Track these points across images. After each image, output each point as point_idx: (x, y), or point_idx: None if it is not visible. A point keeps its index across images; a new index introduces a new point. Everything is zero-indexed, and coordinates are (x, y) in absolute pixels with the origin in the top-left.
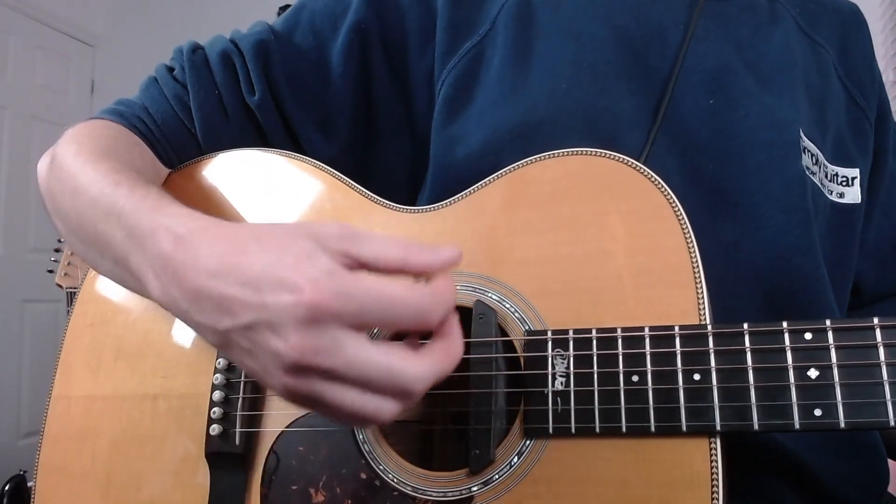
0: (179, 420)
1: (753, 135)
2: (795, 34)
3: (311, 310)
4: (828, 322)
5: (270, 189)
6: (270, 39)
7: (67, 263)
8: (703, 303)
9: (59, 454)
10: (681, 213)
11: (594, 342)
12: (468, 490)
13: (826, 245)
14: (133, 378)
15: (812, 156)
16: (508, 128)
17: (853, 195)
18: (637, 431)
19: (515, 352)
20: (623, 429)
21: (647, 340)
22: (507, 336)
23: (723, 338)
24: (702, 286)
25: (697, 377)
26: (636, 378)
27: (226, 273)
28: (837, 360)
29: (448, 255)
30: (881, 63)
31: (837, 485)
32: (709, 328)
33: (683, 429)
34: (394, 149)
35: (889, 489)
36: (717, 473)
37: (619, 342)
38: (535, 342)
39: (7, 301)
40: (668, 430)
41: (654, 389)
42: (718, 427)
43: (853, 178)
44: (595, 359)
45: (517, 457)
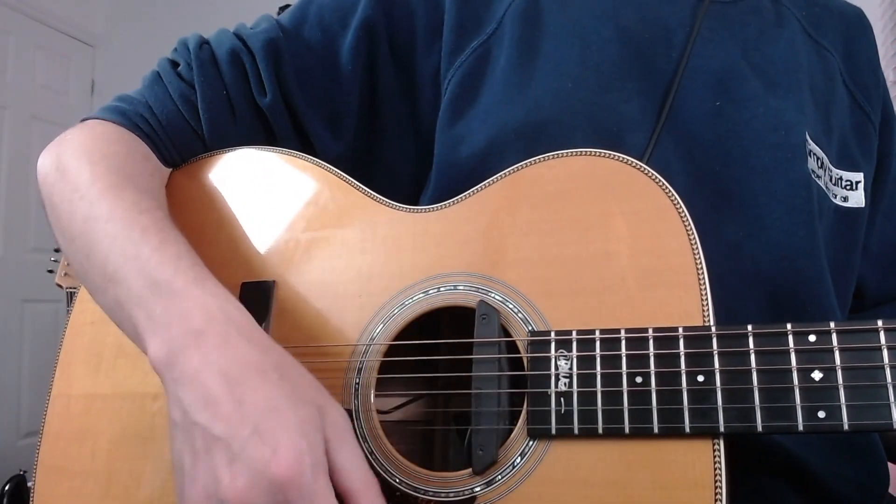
0: None
1: (759, 137)
2: (801, 37)
3: (275, 480)
4: (832, 324)
5: (273, 188)
6: (280, 37)
7: (67, 264)
8: (707, 304)
9: (59, 453)
10: (685, 215)
11: (597, 343)
12: (471, 490)
13: (829, 248)
14: (133, 376)
15: (818, 159)
16: (513, 127)
17: (857, 199)
18: (640, 433)
19: (519, 352)
20: (626, 430)
21: (651, 342)
22: (511, 337)
23: (727, 339)
24: (705, 287)
25: (701, 379)
26: (640, 379)
27: (234, 383)
28: (841, 363)
29: None
30: (882, 63)
31: (838, 486)
32: (713, 330)
33: (687, 430)
34: (398, 147)
35: (889, 489)
36: (721, 475)
37: (623, 343)
38: (539, 343)
39: (7, 301)
40: (672, 432)
41: (658, 391)
42: (722, 429)
43: (857, 182)
44: (598, 360)
45: (520, 457)
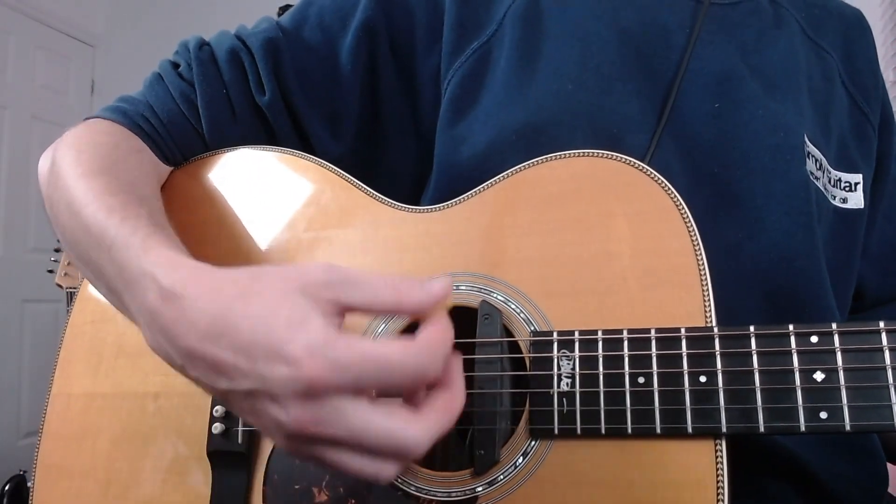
0: (180, 418)
1: (758, 138)
2: (800, 39)
3: (310, 385)
4: (834, 325)
5: (275, 188)
6: (279, 37)
7: (67, 263)
8: (709, 304)
9: (59, 452)
10: (687, 215)
11: (600, 343)
12: (472, 490)
13: (829, 249)
14: (134, 376)
15: (816, 161)
16: (514, 129)
17: (856, 200)
18: (643, 433)
19: (521, 353)
20: (629, 430)
21: (654, 342)
22: (513, 337)
23: (729, 340)
24: (707, 288)
25: (703, 379)
26: (642, 379)
27: (216, 335)
28: (843, 364)
29: (439, 290)
30: (881, 63)
31: (838, 486)
32: (715, 330)
33: (689, 431)
34: (399, 148)
35: (889, 489)
36: (723, 476)
37: (626, 344)
38: (541, 343)
39: (7, 301)
40: (674, 432)
41: (660, 391)
42: (724, 429)
43: (856, 184)
44: (601, 360)
45: (522, 457)
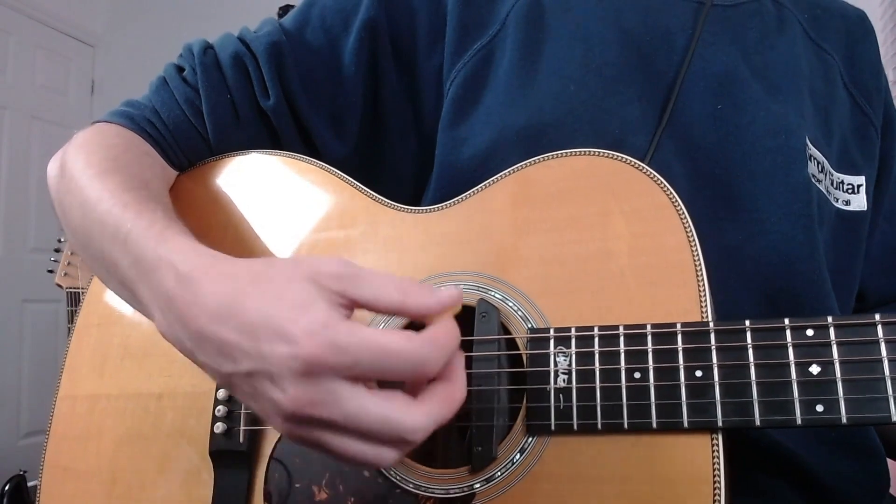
0: (184, 419)
1: (759, 141)
2: (802, 40)
3: (307, 363)
4: (829, 318)
5: (276, 191)
6: (283, 40)
7: (67, 263)
8: (705, 300)
9: (65, 453)
10: (683, 212)
11: (596, 339)
12: (470, 487)
13: (831, 252)
14: (138, 377)
15: (818, 163)
16: (515, 129)
17: (859, 203)
18: (639, 428)
19: (518, 350)
20: (625, 425)
21: (650, 337)
22: (510, 334)
23: (724, 334)
24: (703, 283)
25: (699, 374)
26: (638, 375)
27: (225, 317)
28: (839, 356)
29: (447, 298)
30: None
31: (838, 484)
32: (710, 325)
33: (685, 425)
34: (401, 148)
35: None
36: (719, 470)
37: (621, 339)
38: (538, 340)
39: (7, 301)
40: (670, 427)
41: (656, 386)
42: (720, 423)
43: (859, 186)
44: (597, 356)
45: (519, 454)
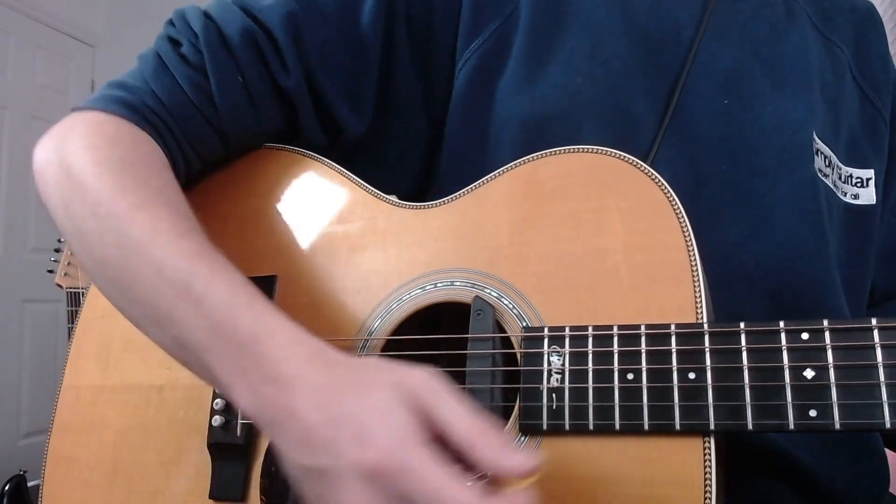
0: (184, 411)
1: (766, 137)
2: (811, 33)
3: (371, 470)
4: (825, 322)
5: (275, 185)
6: (297, 9)
7: (67, 263)
8: (700, 301)
9: (68, 444)
10: (680, 211)
11: (590, 339)
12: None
13: (841, 247)
14: (141, 369)
15: (825, 158)
16: (519, 120)
17: (868, 196)
18: (630, 429)
19: (513, 348)
20: (616, 426)
21: (643, 338)
22: (505, 332)
23: (719, 336)
24: (699, 284)
25: (692, 376)
26: (631, 376)
27: (322, 408)
28: (834, 361)
29: (519, 464)
30: None
31: (837, 486)
32: (705, 327)
33: (677, 427)
34: (408, 127)
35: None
36: (710, 473)
37: (615, 340)
38: (532, 339)
39: (7, 301)
40: (662, 429)
41: (649, 387)
42: (712, 426)
43: (868, 180)
44: (590, 356)
45: None
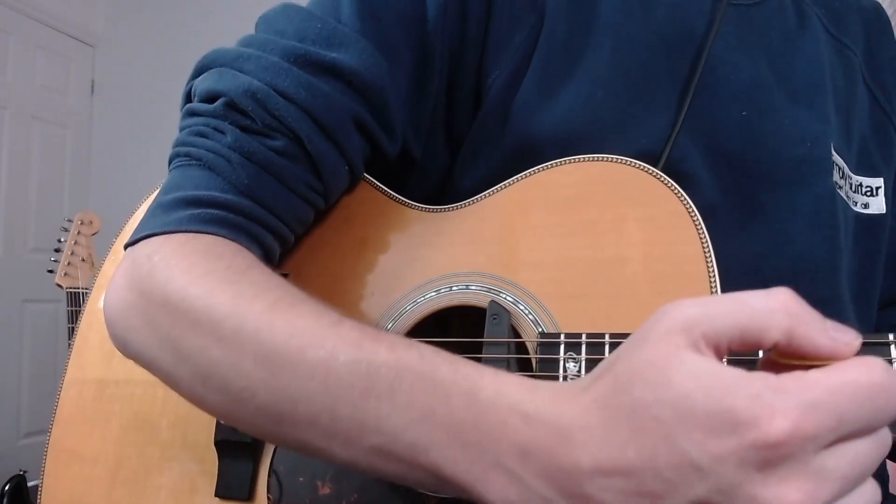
0: (190, 407)
1: (784, 149)
2: (823, 36)
3: (774, 445)
4: None
5: None
6: (382, 65)
7: (67, 263)
8: None
9: (70, 436)
10: (699, 222)
11: (607, 347)
12: None
13: (853, 258)
14: None
15: (839, 169)
16: (541, 138)
17: (878, 205)
18: None
19: (528, 353)
20: None
21: None
22: (521, 338)
23: None
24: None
25: None
26: None
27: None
28: None
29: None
30: None
31: None
32: None
33: None
34: (426, 142)
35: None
36: None
37: None
38: (548, 345)
39: (7, 301)
40: None
41: None
42: None
43: (878, 188)
44: None
45: None
